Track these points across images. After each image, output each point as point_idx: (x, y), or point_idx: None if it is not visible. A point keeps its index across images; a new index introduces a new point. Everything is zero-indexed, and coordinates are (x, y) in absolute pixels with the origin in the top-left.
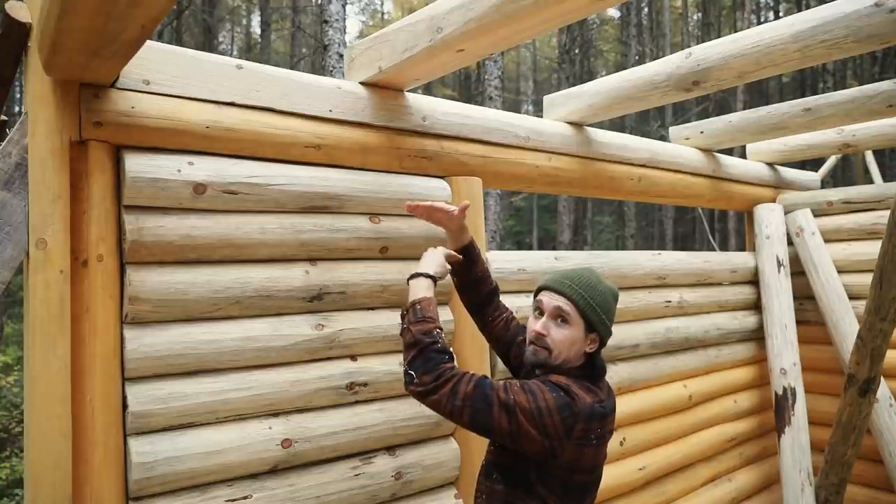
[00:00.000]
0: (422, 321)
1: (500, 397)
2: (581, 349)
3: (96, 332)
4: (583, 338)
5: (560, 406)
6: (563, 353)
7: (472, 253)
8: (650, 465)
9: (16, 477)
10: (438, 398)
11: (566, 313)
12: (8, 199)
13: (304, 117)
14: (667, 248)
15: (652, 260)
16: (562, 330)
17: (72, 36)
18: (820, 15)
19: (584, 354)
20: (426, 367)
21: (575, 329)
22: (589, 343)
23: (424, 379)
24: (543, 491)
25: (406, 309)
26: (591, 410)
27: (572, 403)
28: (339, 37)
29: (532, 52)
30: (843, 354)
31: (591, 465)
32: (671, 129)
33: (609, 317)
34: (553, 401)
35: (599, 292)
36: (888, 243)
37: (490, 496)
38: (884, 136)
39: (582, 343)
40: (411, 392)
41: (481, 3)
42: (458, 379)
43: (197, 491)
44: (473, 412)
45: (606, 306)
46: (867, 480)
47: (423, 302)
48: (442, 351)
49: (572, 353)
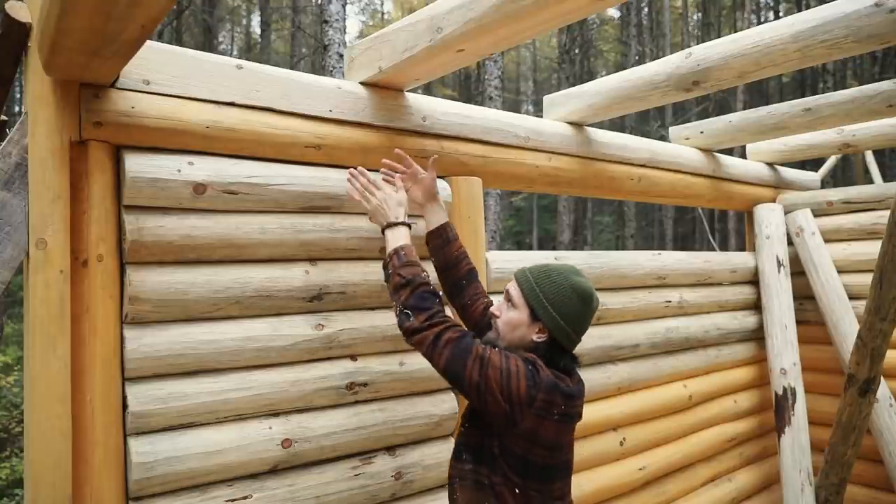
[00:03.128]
0: (408, 265)
1: (478, 351)
2: (525, 336)
3: (96, 332)
4: (526, 323)
5: (527, 374)
6: (506, 335)
7: (448, 231)
8: (650, 465)
9: (16, 477)
10: (424, 337)
11: (512, 297)
12: (8, 199)
13: (304, 117)
14: (667, 248)
15: (652, 260)
16: (509, 313)
17: (72, 36)
18: (820, 15)
19: (531, 342)
20: (421, 305)
21: (519, 313)
22: (536, 333)
23: (420, 317)
24: (505, 466)
25: (389, 256)
26: (553, 383)
27: (536, 374)
28: (339, 37)
29: (532, 52)
30: (843, 354)
31: (551, 442)
32: (671, 129)
33: (560, 310)
34: (522, 368)
35: (555, 283)
36: (888, 243)
37: (461, 478)
38: (884, 136)
39: (526, 329)
40: (406, 330)
41: (481, 3)
42: (447, 324)
43: (197, 491)
44: (451, 356)
45: (558, 298)
46: (867, 480)
47: (405, 248)
48: (434, 293)
49: (515, 336)
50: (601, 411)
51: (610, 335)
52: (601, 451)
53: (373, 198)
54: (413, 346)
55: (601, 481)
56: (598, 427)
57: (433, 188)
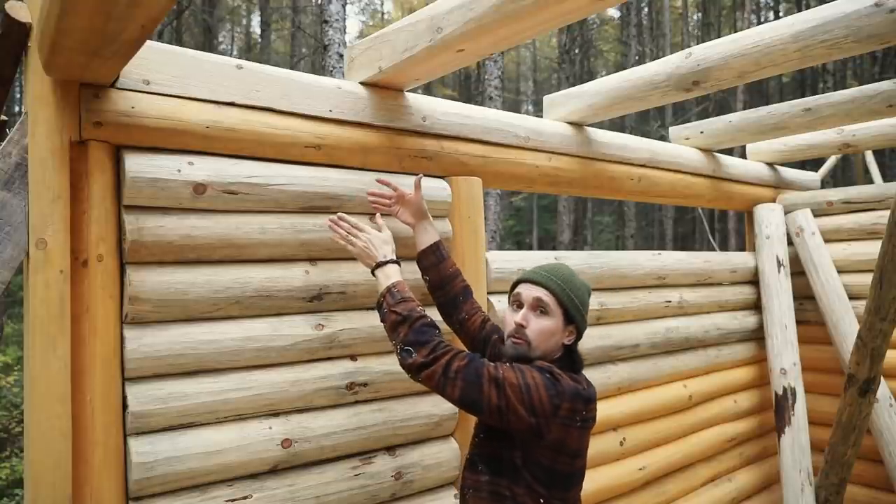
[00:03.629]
0: (402, 301)
1: (490, 372)
2: (559, 341)
3: (96, 332)
4: (562, 329)
5: (546, 384)
6: (541, 344)
7: (440, 251)
8: (650, 465)
9: (16, 477)
10: (432, 372)
11: (546, 304)
12: (8, 199)
13: (304, 117)
14: (667, 248)
15: (652, 260)
16: (541, 321)
17: (72, 36)
18: (820, 15)
19: (562, 347)
20: (421, 339)
21: (555, 320)
22: (567, 335)
23: (422, 352)
24: (529, 477)
25: (382, 295)
26: (575, 390)
27: (557, 383)
28: (339, 37)
29: (532, 52)
30: (843, 354)
31: (575, 450)
32: (671, 129)
33: (585, 310)
34: (539, 378)
35: (576, 285)
36: (888, 243)
37: (476, 489)
38: (884, 136)
39: (561, 335)
40: (409, 367)
41: (481, 3)
42: (452, 353)
43: (197, 491)
44: (465, 385)
45: (582, 299)
46: (867, 480)
47: (397, 285)
48: (432, 325)
49: (551, 344)
50: (601, 411)
51: (610, 335)
52: (601, 450)
53: (358, 241)
54: (421, 383)
55: (601, 481)
56: (599, 427)
57: (422, 207)
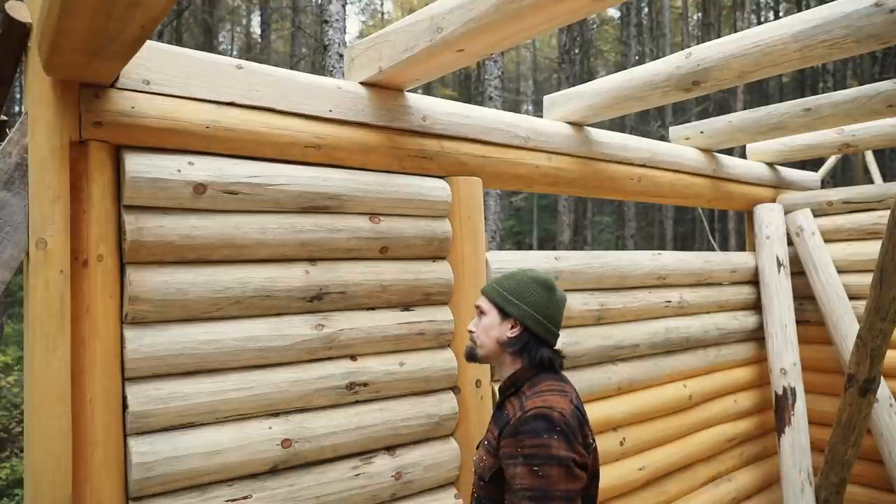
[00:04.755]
0: None
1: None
2: (501, 334)
3: (96, 332)
4: (498, 323)
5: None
6: (484, 341)
7: None
8: (650, 465)
9: (16, 477)
10: None
11: (480, 306)
12: (8, 199)
13: (304, 117)
14: (667, 248)
15: (652, 260)
16: (481, 321)
17: (72, 36)
18: (820, 15)
19: (506, 339)
20: None
21: (490, 317)
22: (509, 329)
23: None
24: None
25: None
26: (576, 416)
27: (564, 426)
28: (339, 37)
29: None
30: (843, 354)
31: (593, 471)
32: (671, 129)
33: (526, 300)
34: (557, 445)
35: (514, 279)
36: (888, 243)
37: None
38: (884, 136)
39: (499, 328)
40: None
41: (481, 3)
42: None
43: (197, 491)
44: None
45: (520, 290)
46: (867, 480)
47: None
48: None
49: (491, 340)
50: (601, 411)
51: (610, 335)
52: (601, 450)
53: None
54: None
55: (601, 481)
56: (599, 427)
57: None
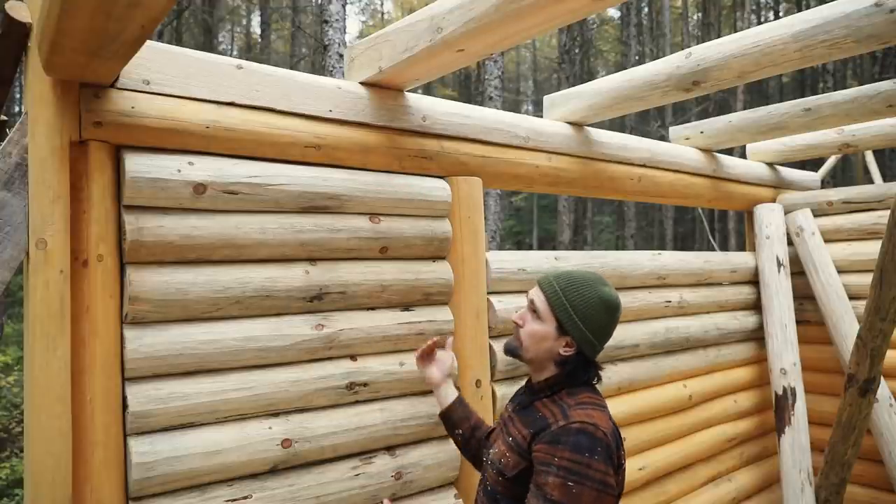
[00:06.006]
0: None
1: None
2: (552, 350)
3: (96, 332)
4: (553, 337)
5: (604, 463)
6: (530, 348)
7: (464, 408)
8: (650, 465)
9: (16, 477)
10: None
11: (537, 308)
12: (8, 199)
13: (304, 117)
14: (667, 248)
15: (652, 260)
16: (534, 324)
17: (72, 36)
18: (820, 15)
19: (558, 356)
20: None
21: (545, 326)
22: (563, 346)
23: None
24: None
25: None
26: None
27: (606, 447)
28: (339, 37)
29: (532, 52)
30: (843, 354)
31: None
32: (671, 129)
33: (589, 324)
34: (596, 467)
35: (583, 295)
36: (888, 243)
37: None
38: (884, 136)
39: (552, 343)
40: None
41: (481, 3)
42: None
43: (197, 491)
44: None
45: (586, 311)
46: (867, 480)
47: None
48: None
49: (541, 350)
50: None
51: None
52: None
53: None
54: None
55: None
56: None
57: (453, 368)
